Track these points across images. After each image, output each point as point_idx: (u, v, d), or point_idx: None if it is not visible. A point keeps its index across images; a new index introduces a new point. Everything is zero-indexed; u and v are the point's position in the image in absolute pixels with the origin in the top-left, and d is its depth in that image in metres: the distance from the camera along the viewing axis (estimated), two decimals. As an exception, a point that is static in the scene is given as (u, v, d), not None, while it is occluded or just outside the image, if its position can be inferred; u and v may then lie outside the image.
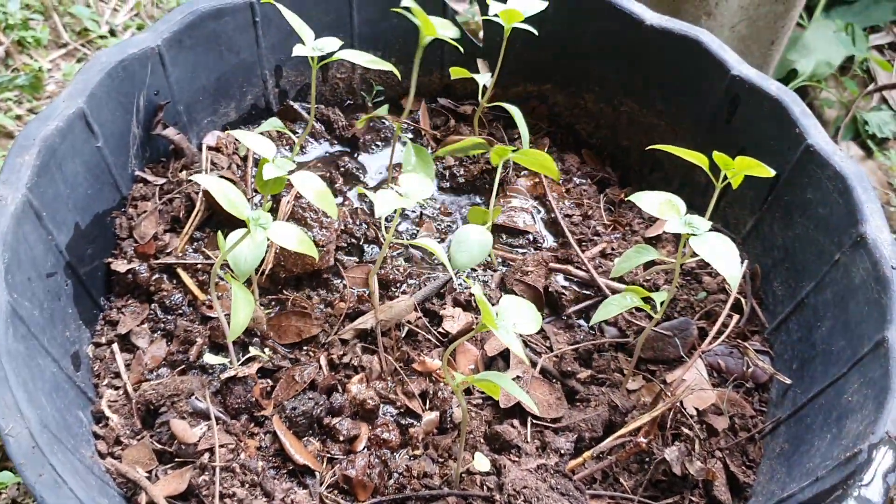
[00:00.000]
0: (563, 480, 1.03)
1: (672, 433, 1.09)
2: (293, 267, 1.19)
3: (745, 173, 1.07)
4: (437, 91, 1.50)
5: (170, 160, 1.29)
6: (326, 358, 1.13)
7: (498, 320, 0.92)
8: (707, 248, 0.97)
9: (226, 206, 0.94)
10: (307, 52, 1.12)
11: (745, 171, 1.06)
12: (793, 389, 1.13)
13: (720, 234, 0.99)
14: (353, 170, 1.36)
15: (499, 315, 0.93)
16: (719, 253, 0.97)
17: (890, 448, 0.88)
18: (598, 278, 1.24)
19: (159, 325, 1.15)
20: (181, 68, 1.26)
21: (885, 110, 2.38)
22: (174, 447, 1.01)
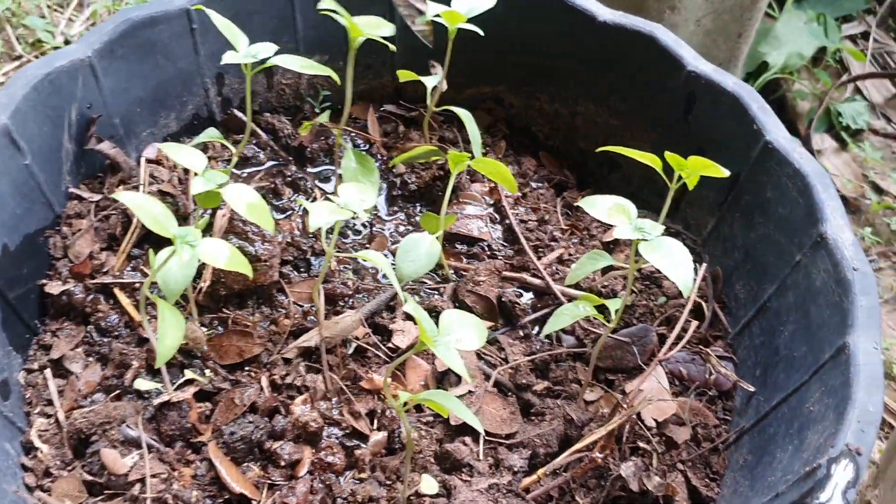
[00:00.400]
0: (516, 500, 0.99)
1: (629, 447, 1.04)
2: (234, 283, 1.14)
3: (699, 174, 1.02)
4: (389, 95, 1.46)
5: (106, 175, 1.24)
6: (268, 379, 1.08)
7: (439, 337, 0.87)
8: (657, 254, 0.93)
9: (149, 224, 0.90)
10: (239, 59, 1.08)
11: (698, 172, 1.02)
12: (756, 397, 1.09)
13: (672, 239, 0.94)
14: (300, 180, 1.31)
15: (440, 331, 0.88)
16: (670, 258, 0.92)
17: (849, 461, 0.83)
18: (553, 286, 1.19)
19: (94, 348, 1.10)
20: (115, 79, 1.21)
21: (858, 101, 2.34)
22: (105, 478, 0.96)
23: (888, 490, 1.44)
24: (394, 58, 1.41)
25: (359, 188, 1.03)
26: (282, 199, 1.30)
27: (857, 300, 0.94)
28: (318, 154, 1.36)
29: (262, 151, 1.34)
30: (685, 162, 1.02)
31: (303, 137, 1.34)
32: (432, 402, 0.89)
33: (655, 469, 1.02)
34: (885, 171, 2.20)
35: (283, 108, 1.42)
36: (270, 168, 1.33)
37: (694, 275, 1.20)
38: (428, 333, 0.85)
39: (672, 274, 0.91)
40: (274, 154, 1.34)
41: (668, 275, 0.91)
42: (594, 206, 1.01)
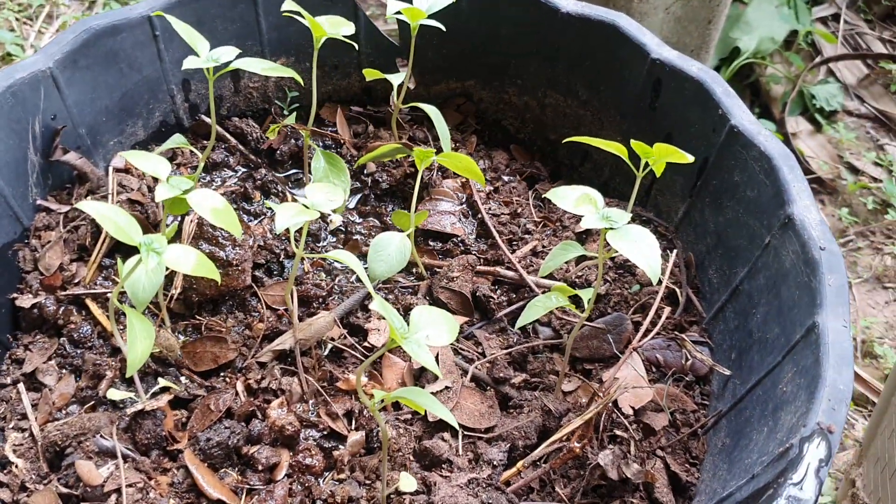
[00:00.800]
0: (496, 494, 0.99)
1: (607, 435, 1.04)
2: (206, 289, 1.13)
3: (665, 160, 1.03)
4: (357, 95, 1.45)
5: (74, 186, 1.23)
6: (243, 383, 1.07)
7: (409, 333, 0.87)
8: (624, 241, 0.93)
9: (113, 232, 0.89)
10: (201, 63, 1.07)
11: (664, 159, 1.02)
12: (732, 381, 1.09)
13: (638, 227, 0.94)
14: (270, 183, 1.30)
15: (411, 328, 0.88)
16: (637, 246, 0.92)
17: (821, 440, 0.83)
18: (527, 278, 1.19)
19: (68, 360, 1.09)
20: (79, 89, 1.20)
21: (832, 83, 2.35)
22: (80, 490, 0.95)
23: (871, 467, 1.44)
24: (360, 57, 1.41)
25: (326, 188, 1.03)
26: (253, 204, 1.29)
27: (825, 279, 0.94)
28: (288, 157, 1.35)
29: (232, 156, 1.34)
30: (650, 149, 1.02)
31: (272, 140, 1.34)
32: (406, 399, 0.89)
33: (634, 456, 1.03)
34: (860, 151, 2.22)
35: (252, 111, 1.41)
36: (240, 173, 1.33)
37: (663, 261, 1.21)
38: (397, 330, 0.84)
39: (639, 261, 0.91)
40: (243, 158, 1.34)
41: (636, 261, 0.91)
42: (561, 197, 1.01)
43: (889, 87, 2.38)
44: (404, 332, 0.86)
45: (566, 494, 1.01)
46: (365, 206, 1.32)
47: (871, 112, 2.32)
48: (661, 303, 1.18)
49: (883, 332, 1.86)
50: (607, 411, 1.05)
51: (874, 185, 2.12)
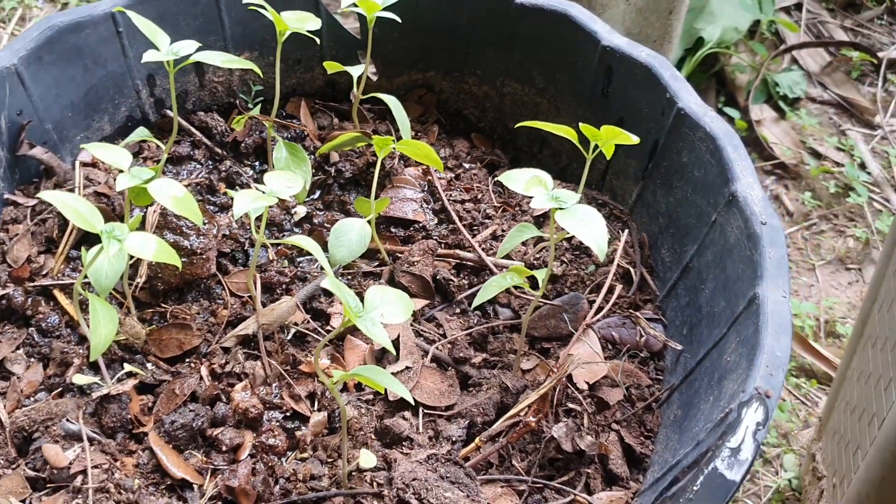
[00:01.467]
0: (454, 468, 1.02)
1: (563, 410, 1.08)
2: (171, 277, 1.16)
3: (613, 143, 1.06)
4: (321, 88, 1.48)
5: (41, 180, 1.25)
6: (208, 368, 1.10)
7: (363, 312, 0.90)
8: (573, 220, 0.96)
9: (74, 220, 0.92)
10: (161, 56, 1.10)
11: (611, 141, 1.06)
12: (684, 355, 1.12)
13: (586, 206, 0.98)
14: (235, 175, 1.33)
15: (365, 306, 0.91)
16: (585, 224, 0.96)
17: (759, 404, 0.87)
18: (486, 260, 1.22)
19: (36, 349, 1.12)
20: (44, 85, 1.22)
21: (795, 70, 2.40)
22: (47, 473, 0.98)
23: (829, 440, 1.48)
24: (323, 51, 1.44)
25: (285, 175, 1.06)
26: (218, 196, 1.32)
27: (766, 252, 0.98)
28: (253, 150, 1.38)
29: (197, 149, 1.36)
30: (598, 132, 1.06)
31: (237, 133, 1.36)
32: (363, 377, 0.91)
33: (588, 429, 1.06)
34: (823, 136, 2.26)
35: (217, 105, 1.44)
36: (206, 165, 1.36)
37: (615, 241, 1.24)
38: (352, 309, 0.88)
39: (587, 239, 0.94)
40: (208, 151, 1.37)
41: (584, 240, 0.94)
42: (513, 180, 1.04)
43: (851, 74, 2.42)
44: (359, 311, 0.89)
45: (523, 468, 1.04)
46: (328, 196, 1.34)
47: (834, 98, 2.36)
48: (616, 282, 1.21)
49: (845, 311, 1.90)
50: (562, 386, 1.08)
51: (836, 170, 2.16)
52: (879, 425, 1.20)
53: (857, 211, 2.09)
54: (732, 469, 0.82)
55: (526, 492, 1.03)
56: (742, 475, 0.82)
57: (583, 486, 1.03)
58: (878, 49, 2.44)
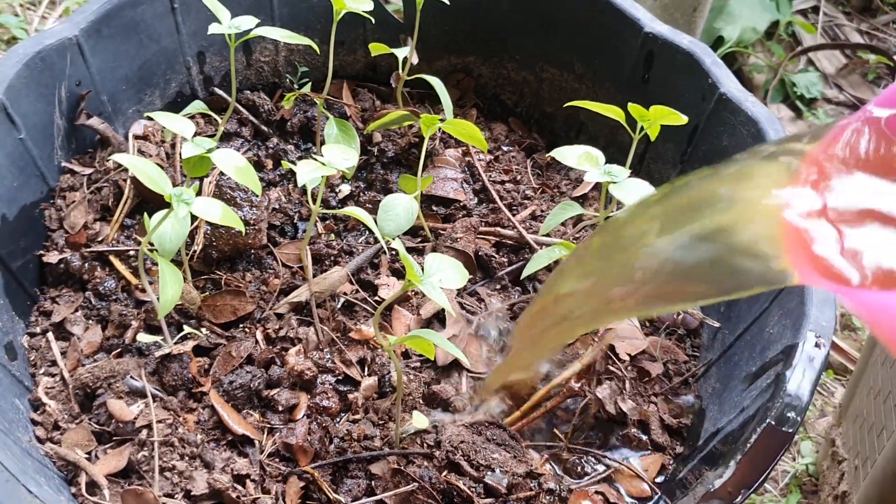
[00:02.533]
0: (500, 431, 1.05)
1: (605, 377, 1.11)
2: (224, 247, 1.19)
3: (661, 123, 1.10)
4: (362, 70, 1.52)
5: (96, 150, 1.29)
6: (262, 333, 1.13)
7: (423, 277, 0.94)
8: (625, 192, 1.00)
9: (147, 182, 0.95)
10: (224, 29, 1.14)
11: (659, 121, 1.10)
12: (721, 331, 1.16)
13: (639, 180, 1.02)
14: (281, 152, 1.36)
15: (424, 272, 0.95)
16: (637, 196, 1.00)
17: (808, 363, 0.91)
18: (528, 237, 1.26)
19: (94, 311, 1.15)
20: (101, 58, 1.26)
21: (811, 72, 2.44)
22: (112, 427, 1.01)
23: (850, 425, 1.52)
24: (366, 34, 1.47)
25: (341, 149, 1.10)
26: (265, 172, 1.35)
27: (808, 229, 1.02)
28: (298, 129, 1.42)
29: (244, 127, 1.40)
30: (646, 112, 1.10)
31: (284, 111, 1.40)
32: (420, 339, 0.95)
33: (629, 393, 1.09)
34: (839, 136, 2.30)
35: (262, 85, 1.47)
36: (252, 142, 1.39)
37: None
38: (415, 272, 0.91)
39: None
40: (255, 129, 1.40)
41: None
42: (565, 155, 1.08)
43: (866, 77, 2.47)
44: (420, 275, 0.93)
45: (566, 432, 1.08)
46: (371, 175, 1.38)
47: (849, 100, 2.41)
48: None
49: (860, 306, 1.94)
50: (603, 357, 1.12)
51: (852, 169, 2.21)
52: (906, 405, 1.24)
53: (871, 209, 2.13)
54: (785, 427, 0.86)
55: (568, 458, 1.06)
56: (794, 431, 0.86)
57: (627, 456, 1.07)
58: (894, 52, 2.49)
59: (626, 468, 1.06)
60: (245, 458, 1.01)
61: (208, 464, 0.99)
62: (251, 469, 0.99)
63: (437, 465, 1.01)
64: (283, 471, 1.00)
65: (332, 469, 1.02)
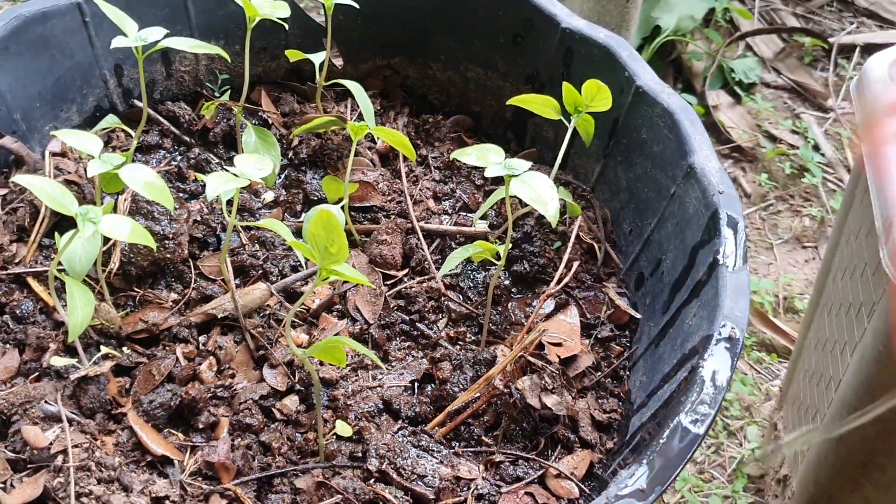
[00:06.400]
0: (425, 438, 1.04)
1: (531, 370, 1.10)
2: (143, 262, 1.17)
3: (594, 106, 1.10)
4: (286, 75, 1.50)
5: (11, 170, 1.26)
6: (182, 350, 1.12)
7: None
8: (523, 187, 1.00)
9: (49, 203, 0.93)
10: (130, 42, 1.11)
11: (594, 101, 1.10)
12: (647, 324, 1.16)
13: (538, 173, 1.02)
14: (204, 162, 1.34)
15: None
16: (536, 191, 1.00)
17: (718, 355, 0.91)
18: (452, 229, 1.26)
19: (11, 335, 1.13)
20: (11, 76, 1.23)
21: (749, 57, 2.46)
22: (27, 454, 0.99)
23: (790, 409, 1.53)
24: (289, 39, 1.46)
25: (255, 158, 1.08)
26: (187, 183, 1.33)
27: (723, 219, 1.02)
28: (221, 138, 1.40)
29: (166, 138, 1.38)
30: (580, 97, 1.10)
31: (206, 120, 1.38)
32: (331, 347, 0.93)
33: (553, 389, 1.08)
34: (778, 120, 2.32)
35: (184, 95, 1.45)
36: (174, 153, 1.37)
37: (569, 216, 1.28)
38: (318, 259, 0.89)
39: (538, 204, 0.98)
40: (177, 140, 1.38)
41: (534, 205, 0.98)
42: (466, 154, 1.08)
43: (803, 59, 2.49)
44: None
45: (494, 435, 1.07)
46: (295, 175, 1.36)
47: (788, 83, 2.43)
48: (578, 256, 1.25)
49: (803, 288, 1.96)
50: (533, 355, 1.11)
51: (791, 152, 2.23)
52: (836, 387, 1.25)
53: (811, 191, 2.15)
54: (696, 423, 0.85)
55: (498, 461, 1.06)
56: (706, 427, 0.86)
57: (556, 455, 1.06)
58: (829, 35, 2.51)
59: (555, 469, 1.06)
60: (165, 478, 0.99)
61: (126, 486, 0.97)
62: (171, 490, 0.98)
63: (362, 475, 1.00)
64: (204, 490, 0.99)
65: (257, 485, 1.00)
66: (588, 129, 1.18)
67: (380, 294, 1.18)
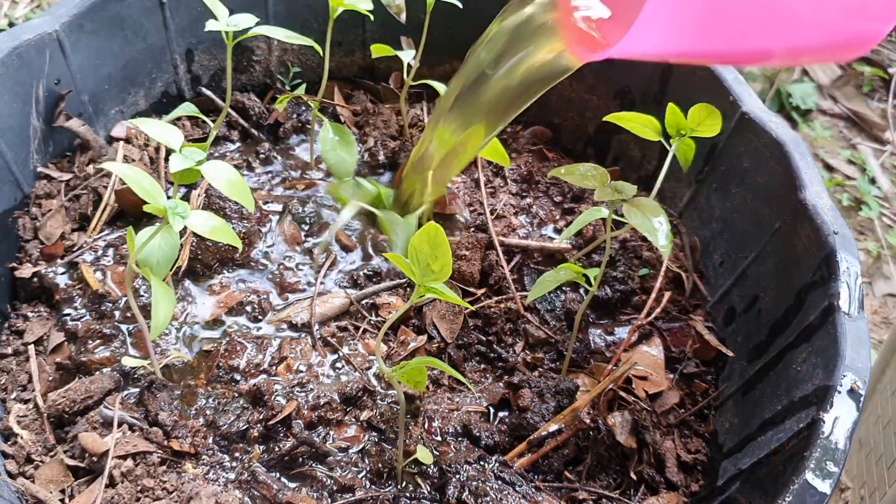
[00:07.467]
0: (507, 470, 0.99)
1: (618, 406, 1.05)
2: (211, 260, 1.12)
3: (698, 131, 1.04)
4: (360, 72, 1.44)
5: (75, 154, 1.20)
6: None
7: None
8: (638, 215, 0.94)
9: (141, 194, 0.87)
10: (221, 27, 1.05)
11: (699, 127, 1.04)
12: (739, 362, 1.10)
13: (649, 199, 0.96)
14: (273, 157, 1.28)
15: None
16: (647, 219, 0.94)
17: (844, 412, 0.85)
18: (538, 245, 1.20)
19: (70, 330, 1.06)
20: (83, 55, 1.17)
21: (807, 82, 2.40)
22: (86, 462, 0.93)
23: (854, 453, 1.48)
24: (366, 34, 1.40)
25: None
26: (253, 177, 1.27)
27: (841, 263, 0.96)
28: (292, 133, 1.34)
29: (234, 130, 1.32)
30: (684, 121, 1.04)
31: (277, 114, 1.32)
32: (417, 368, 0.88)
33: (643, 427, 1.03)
34: (835, 149, 2.27)
35: (252, 86, 1.39)
36: (240, 146, 1.31)
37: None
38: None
39: (649, 234, 0.92)
40: (244, 133, 1.32)
41: (646, 234, 0.92)
42: (569, 173, 1.02)
43: (861, 88, 2.44)
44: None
45: (578, 471, 1.01)
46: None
47: (844, 112, 2.37)
48: (665, 286, 1.19)
49: (857, 325, 1.90)
50: (619, 388, 1.06)
51: (848, 183, 2.17)
52: (924, 441, 1.19)
53: (867, 224, 2.10)
54: (824, 480, 0.80)
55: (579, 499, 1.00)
56: (832, 486, 0.80)
57: (639, 495, 1.01)
58: (889, 65, 2.46)
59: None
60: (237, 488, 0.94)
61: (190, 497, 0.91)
62: None
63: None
64: (277, 511, 0.93)
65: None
66: (688, 153, 1.12)
67: (460, 313, 1.12)
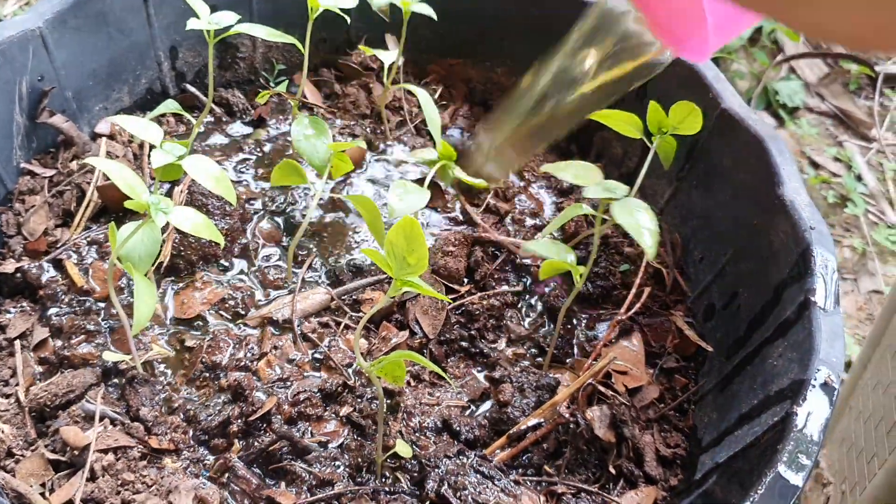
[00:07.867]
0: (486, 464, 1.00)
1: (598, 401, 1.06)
2: (193, 256, 1.12)
3: (679, 129, 1.04)
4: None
5: (59, 150, 1.20)
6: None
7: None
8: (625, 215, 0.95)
9: (125, 189, 0.88)
10: (202, 25, 1.06)
11: (681, 124, 1.04)
12: (718, 358, 1.11)
13: (637, 200, 0.96)
14: (255, 152, 1.29)
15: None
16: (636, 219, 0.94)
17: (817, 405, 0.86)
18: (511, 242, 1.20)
19: (52, 326, 1.07)
20: (67, 51, 1.17)
21: (794, 80, 2.41)
22: (68, 455, 0.93)
23: (836, 448, 1.49)
24: (350, 32, 1.40)
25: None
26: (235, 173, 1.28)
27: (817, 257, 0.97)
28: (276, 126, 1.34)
29: (218, 126, 1.32)
30: (665, 118, 1.04)
31: (261, 110, 1.32)
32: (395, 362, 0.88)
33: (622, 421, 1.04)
34: (821, 146, 2.28)
35: (237, 82, 1.40)
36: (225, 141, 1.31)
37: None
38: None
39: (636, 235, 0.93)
40: (230, 127, 1.32)
41: (635, 235, 0.93)
42: (560, 170, 1.02)
43: (848, 86, 2.45)
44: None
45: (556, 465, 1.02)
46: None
47: (831, 110, 2.38)
48: (646, 282, 1.20)
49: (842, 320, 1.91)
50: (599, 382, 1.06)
51: (834, 180, 2.18)
52: (902, 435, 1.20)
53: (853, 221, 2.11)
54: (797, 473, 0.81)
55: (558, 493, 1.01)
56: (805, 478, 0.81)
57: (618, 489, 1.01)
58: (875, 63, 2.47)
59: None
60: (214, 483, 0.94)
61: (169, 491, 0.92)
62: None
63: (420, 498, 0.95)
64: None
65: (310, 502, 0.95)
66: (669, 151, 1.12)
67: (442, 308, 1.13)
